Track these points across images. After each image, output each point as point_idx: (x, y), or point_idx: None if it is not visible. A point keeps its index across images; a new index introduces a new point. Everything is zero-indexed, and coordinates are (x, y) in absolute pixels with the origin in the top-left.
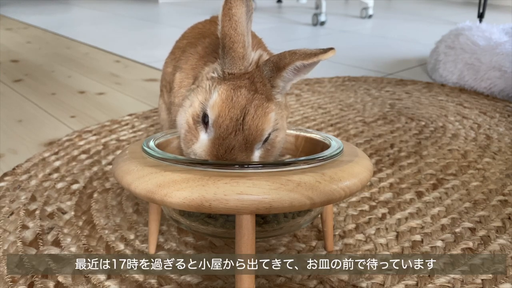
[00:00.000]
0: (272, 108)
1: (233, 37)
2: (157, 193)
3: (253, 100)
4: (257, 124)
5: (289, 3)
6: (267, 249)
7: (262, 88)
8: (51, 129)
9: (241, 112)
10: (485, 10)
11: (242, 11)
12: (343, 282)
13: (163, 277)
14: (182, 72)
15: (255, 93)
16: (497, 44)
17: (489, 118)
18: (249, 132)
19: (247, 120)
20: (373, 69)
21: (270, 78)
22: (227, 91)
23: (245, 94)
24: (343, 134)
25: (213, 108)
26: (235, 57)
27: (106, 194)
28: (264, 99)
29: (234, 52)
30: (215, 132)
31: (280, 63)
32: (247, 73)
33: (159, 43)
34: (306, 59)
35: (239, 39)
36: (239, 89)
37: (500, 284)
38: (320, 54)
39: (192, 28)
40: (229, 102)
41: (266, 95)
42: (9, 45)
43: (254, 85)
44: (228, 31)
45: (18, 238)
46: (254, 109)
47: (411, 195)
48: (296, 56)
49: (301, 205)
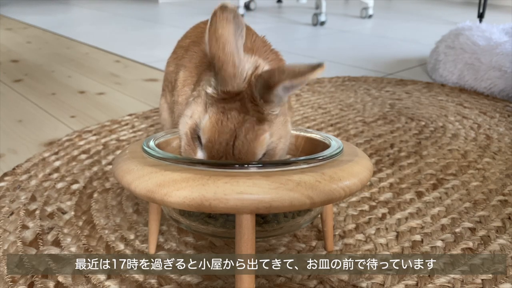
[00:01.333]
0: (264, 129)
1: (221, 58)
2: (157, 193)
3: (244, 123)
4: (247, 148)
5: (289, 3)
6: (267, 249)
7: (254, 109)
8: (51, 129)
9: (231, 136)
10: (485, 10)
11: (229, 31)
12: (343, 282)
13: (163, 277)
14: (186, 70)
15: (246, 115)
16: (497, 44)
17: (489, 118)
18: (239, 157)
19: (237, 144)
20: (373, 69)
21: (263, 95)
22: (216, 114)
23: (235, 117)
24: (343, 134)
25: (204, 132)
26: (225, 77)
27: (106, 194)
28: (255, 122)
29: (225, 72)
30: (207, 154)
31: (270, 81)
32: (239, 93)
33: (159, 43)
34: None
35: (228, 59)
36: (229, 112)
37: (500, 284)
38: (308, 73)
39: (195, 27)
40: (219, 126)
41: (258, 116)
42: (9, 45)
43: (245, 106)
44: (216, 52)
45: (18, 238)
46: (244, 133)
47: (411, 195)
48: (284, 75)
49: (301, 204)
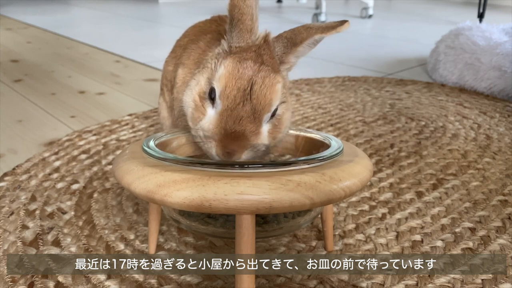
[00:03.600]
0: (278, 79)
1: (242, 9)
2: (157, 193)
3: (260, 71)
4: (265, 94)
5: (289, 3)
6: (267, 249)
7: (269, 61)
8: (51, 129)
9: (248, 83)
10: (485, 10)
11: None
12: (343, 282)
13: (163, 277)
14: (185, 67)
15: (262, 65)
16: (497, 44)
17: (489, 118)
18: (257, 102)
19: (254, 89)
20: (373, 69)
21: (283, 54)
22: (233, 63)
23: (251, 66)
24: (343, 134)
25: (220, 80)
26: (243, 29)
27: (106, 194)
28: (270, 71)
29: (243, 24)
30: (223, 104)
31: (296, 38)
32: (254, 45)
33: (159, 43)
34: (325, 32)
35: (247, 11)
36: (245, 61)
37: (500, 284)
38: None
39: (193, 27)
40: (235, 73)
41: (273, 67)
42: (9, 45)
43: (260, 57)
44: (237, 3)
45: (18, 238)
46: (261, 79)
47: (411, 195)
48: (313, 30)
49: (301, 205)
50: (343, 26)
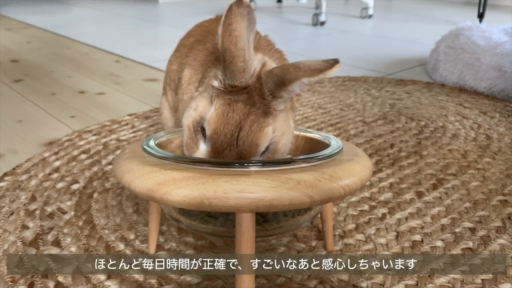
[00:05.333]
0: (269, 122)
1: (233, 52)
2: (157, 192)
3: (249, 115)
4: (251, 140)
5: (289, 3)
6: (267, 249)
7: (260, 102)
8: (51, 129)
9: (236, 128)
10: (485, 10)
11: (242, 26)
12: (343, 282)
13: (163, 277)
14: (191, 68)
15: (252, 107)
16: (497, 44)
17: (489, 118)
18: (243, 148)
19: (241, 136)
20: (373, 69)
21: (274, 91)
22: (223, 105)
23: (241, 109)
24: (343, 134)
25: (209, 123)
26: (235, 71)
27: (106, 194)
28: (261, 114)
29: (235, 67)
30: (212, 146)
31: (285, 78)
32: (246, 86)
33: (159, 43)
34: (312, 76)
35: (239, 54)
36: (235, 103)
37: (500, 284)
38: (326, 70)
39: (197, 26)
40: (224, 118)
41: (264, 109)
42: (9, 45)
43: (252, 99)
44: (228, 46)
45: (18, 238)
46: (249, 124)
47: (411, 195)
48: (301, 72)
49: (301, 203)
50: (332, 69)
